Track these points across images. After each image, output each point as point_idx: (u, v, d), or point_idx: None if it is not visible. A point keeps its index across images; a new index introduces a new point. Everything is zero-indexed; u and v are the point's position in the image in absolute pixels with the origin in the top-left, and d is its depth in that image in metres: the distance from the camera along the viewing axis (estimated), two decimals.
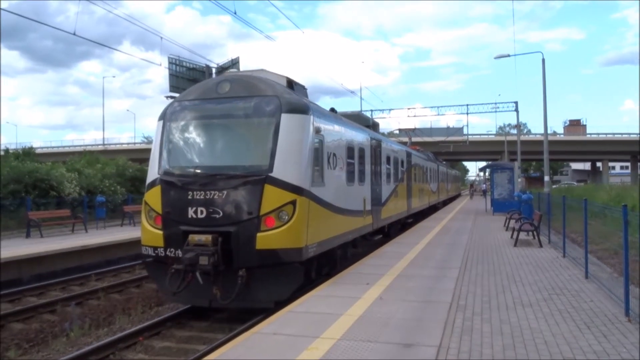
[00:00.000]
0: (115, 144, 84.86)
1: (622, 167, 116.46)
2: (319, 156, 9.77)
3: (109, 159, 42.20)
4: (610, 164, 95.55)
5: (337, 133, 11.08)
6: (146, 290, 12.41)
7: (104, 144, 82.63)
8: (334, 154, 10.68)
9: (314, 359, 5.30)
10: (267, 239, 8.39)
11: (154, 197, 9.18)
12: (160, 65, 49.72)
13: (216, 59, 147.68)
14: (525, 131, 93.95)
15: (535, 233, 14.83)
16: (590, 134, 77.15)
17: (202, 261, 8.25)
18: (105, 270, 14.78)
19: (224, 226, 8.49)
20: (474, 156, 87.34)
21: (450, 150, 57.89)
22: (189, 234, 8.54)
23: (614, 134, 74.81)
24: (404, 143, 28.78)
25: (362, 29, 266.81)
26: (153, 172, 9.42)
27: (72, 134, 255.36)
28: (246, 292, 8.57)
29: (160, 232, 8.91)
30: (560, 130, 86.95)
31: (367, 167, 13.67)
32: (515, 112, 42.36)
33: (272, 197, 8.49)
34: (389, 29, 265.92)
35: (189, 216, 8.68)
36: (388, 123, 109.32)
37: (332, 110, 12.72)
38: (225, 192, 8.60)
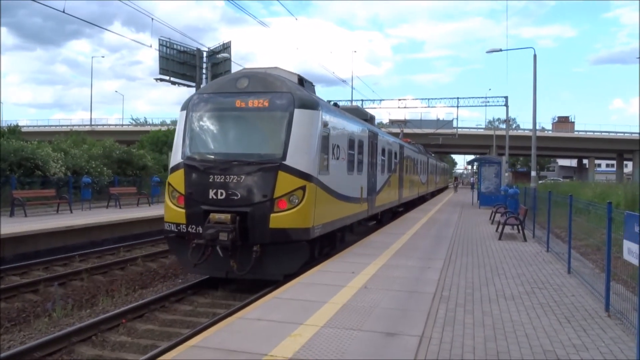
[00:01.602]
0: (103, 125, 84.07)
1: (608, 165, 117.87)
2: (325, 147, 10.80)
3: (96, 140, 41.80)
4: (597, 161, 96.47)
5: (341, 126, 12.15)
6: (130, 273, 12.38)
7: (91, 125, 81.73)
8: (338, 146, 11.72)
9: (297, 345, 5.33)
10: (279, 219, 9.47)
11: (177, 179, 10.14)
12: (151, 47, 49.10)
13: (208, 43, 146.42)
14: (514, 126, 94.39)
15: (520, 227, 14.97)
16: (578, 131, 77.71)
17: (221, 237, 9.29)
18: (90, 251, 14.70)
19: (241, 207, 9.55)
20: (463, 149, 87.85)
21: (439, 143, 58.19)
22: (209, 213, 9.56)
23: (601, 132, 75.42)
24: (395, 135, 28.87)
25: (356, 19, 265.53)
26: (177, 157, 10.33)
27: (60, 114, 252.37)
28: (259, 265, 9.62)
29: (183, 210, 9.93)
30: (549, 126, 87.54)
31: (365, 158, 14.71)
32: (504, 107, 42.66)
33: (285, 183, 9.57)
34: (383, 19, 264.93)
35: (210, 197, 9.71)
36: (379, 113, 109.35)
37: (335, 105, 13.62)
38: (243, 176, 9.67)
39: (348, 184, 12.64)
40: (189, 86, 55.67)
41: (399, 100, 48.83)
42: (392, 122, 45.61)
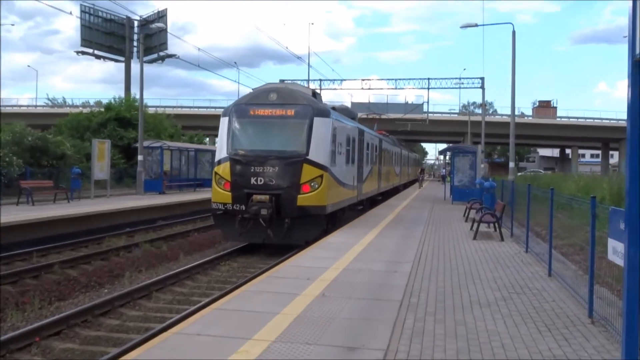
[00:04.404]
0: (12, 107, 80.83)
1: (592, 156, 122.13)
2: (334, 145, 15.97)
3: (3, 124, 40.24)
4: (580, 151, 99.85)
5: (342, 128, 17.53)
6: (45, 282, 11.99)
7: None
8: (340, 143, 16.99)
9: None
10: (304, 199, 14.61)
11: (223, 169, 15.06)
12: (71, 14, 47.59)
13: (140, 11, 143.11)
14: (490, 111, 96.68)
15: (496, 225, 15.34)
16: (561, 117, 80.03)
17: (262, 212, 14.25)
18: None
19: (275, 190, 14.55)
20: (434, 137, 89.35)
21: (407, 130, 58.84)
22: (251, 195, 14.53)
23: (585, 118, 77.96)
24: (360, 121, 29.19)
25: None
26: (222, 152, 15.31)
27: None
28: (288, 234, 14.66)
29: (229, 193, 14.83)
30: (529, 112, 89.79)
31: (356, 152, 19.83)
32: (480, 90, 43.53)
33: (308, 172, 14.72)
34: None
35: (251, 183, 14.65)
36: (339, 95, 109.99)
37: (333, 109, 18.27)
38: (277, 167, 14.68)
39: (346, 173, 17.92)
40: (117, 61, 54.43)
41: (363, 80, 49.12)
42: (367, 118, 45.80)
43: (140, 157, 29.35)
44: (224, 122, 15.72)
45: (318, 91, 34.64)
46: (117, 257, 14.88)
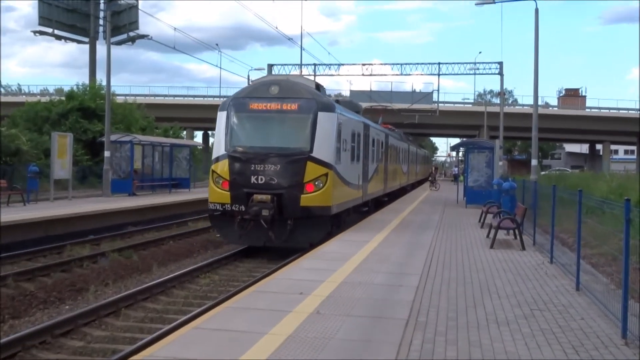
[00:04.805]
0: None
1: (626, 152, 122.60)
2: (339, 141, 16.89)
3: None
4: (613, 146, 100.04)
5: (348, 123, 18.57)
6: None
7: None
8: (345, 139, 18.01)
9: None
10: (308, 199, 15.49)
11: (221, 167, 15.98)
12: None
13: None
14: (510, 101, 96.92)
15: (517, 232, 15.34)
16: (590, 108, 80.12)
17: (264, 213, 15.08)
18: None
19: (278, 189, 15.44)
20: (445, 130, 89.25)
21: (415, 122, 58.83)
22: (251, 195, 15.37)
23: (618, 109, 77.97)
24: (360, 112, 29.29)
25: None
26: (220, 150, 16.19)
27: None
28: (291, 236, 15.52)
29: (227, 192, 15.71)
30: (554, 102, 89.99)
31: (361, 149, 20.79)
32: (498, 76, 43.58)
33: (312, 170, 15.62)
34: None
35: (251, 182, 15.54)
36: (337, 82, 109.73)
37: (337, 101, 19.59)
38: (279, 165, 15.56)
39: (351, 172, 18.91)
40: (80, 42, 54.25)
41: (363, 65, 49.02)
42: (370, 110, 45.79)
43: (107, 153, 29.23)
44: (221, 117, 16.66)
45: (312, 77, 34.76)
46: (80, 269, 14.81)
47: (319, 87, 18.52)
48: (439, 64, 47.87)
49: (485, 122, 59.86)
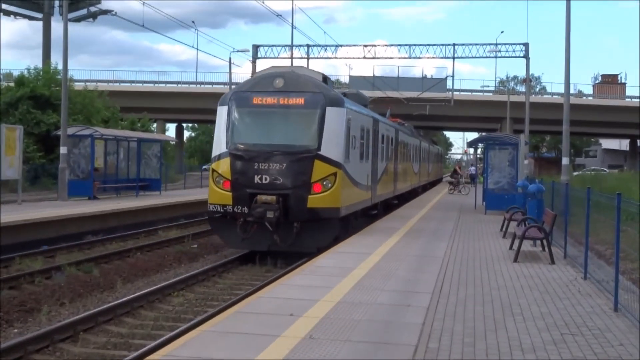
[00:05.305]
0: None
1: None
2: (348, 138, 18.14)
3: None
4: None
5: (356, 119, 19.85)
6: None
7: None
8: (354, 136, 19.29)
9: None
10: (315, 200, 16.69)
11: (222, 166, 17.22)
12: None
13: None
14: (537, 89, 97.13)
15: (545, 242, 15.37)
16: (631, 97, 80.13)
17: (268, 215, 16.11)
18: None
19: (283, 189, 16.59)
20: (461, 123, 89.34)
21: (425, 114, 58.79)
22: (255, 196, 16.48)
23: None
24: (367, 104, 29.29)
25: None
26: (221, 147, 17.43)
27: None
28: (297, 239, 16.60)
29: (229, 193, 16.91)
30: (589, 90, 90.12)
31: (370, 147, 22.25)
32: (524, 60, 43.60)
33: (320, 169, 16.81)
34: None
35: (255, 182, 16.74)
36: (334, 67, 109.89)
37: (344, 94, 20.47)
38: (284, 164, 16.74)
39: (360, 171, 20.29)
40: (32, 18, 54.28)
41: (365, 47, 49.03)
42: (376, 101, 45.74)
43: (63, 150, 29.17)
44: (221, 113, 17.99)
45: (305, 60, 34.91)
46: (31, 285, 14.81)
47: (326, 79, 19.70)
48: (454, 44, 48.02)
49: (509, 113, 59.84)
